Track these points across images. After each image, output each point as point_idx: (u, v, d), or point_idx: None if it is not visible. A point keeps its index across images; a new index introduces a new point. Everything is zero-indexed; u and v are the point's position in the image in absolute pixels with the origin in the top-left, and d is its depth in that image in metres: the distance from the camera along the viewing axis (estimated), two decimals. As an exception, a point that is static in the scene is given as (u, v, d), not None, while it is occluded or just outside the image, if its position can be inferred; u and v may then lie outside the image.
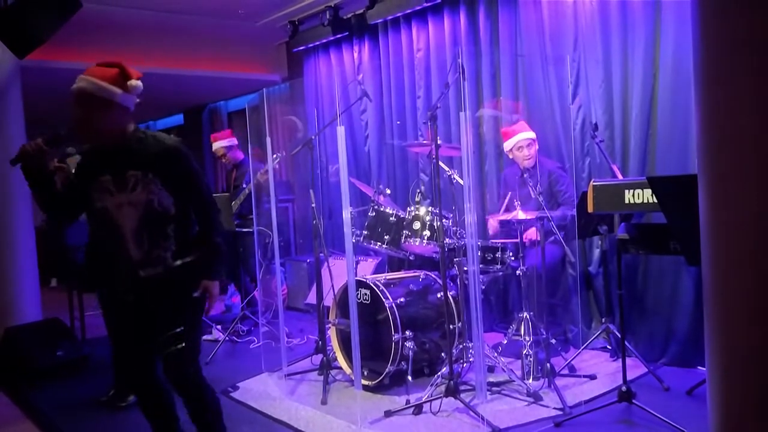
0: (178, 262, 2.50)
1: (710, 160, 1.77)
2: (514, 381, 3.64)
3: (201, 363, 4.42)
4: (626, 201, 2.98)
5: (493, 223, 4.39)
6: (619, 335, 3.57)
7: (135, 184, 2.45)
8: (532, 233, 4.06)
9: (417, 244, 3.91)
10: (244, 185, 5.39)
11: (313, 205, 4.08)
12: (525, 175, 4.01)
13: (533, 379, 3.69)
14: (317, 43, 6.13)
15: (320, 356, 4.04)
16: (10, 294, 4.92)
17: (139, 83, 2.49)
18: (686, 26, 3.60)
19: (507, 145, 4.32)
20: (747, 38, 1.66)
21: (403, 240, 3.96)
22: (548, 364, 3.58)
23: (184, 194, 2.53)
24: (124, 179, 2.46)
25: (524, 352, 3.79)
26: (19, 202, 4.98)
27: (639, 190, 2.94)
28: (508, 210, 4.35)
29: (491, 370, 3.87)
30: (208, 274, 2.54)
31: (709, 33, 1.75)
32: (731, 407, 1.78)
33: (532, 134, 4.25)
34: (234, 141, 5.77)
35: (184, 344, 2.48)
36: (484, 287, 3.95)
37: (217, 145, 5.74)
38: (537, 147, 4.28)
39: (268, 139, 4.13)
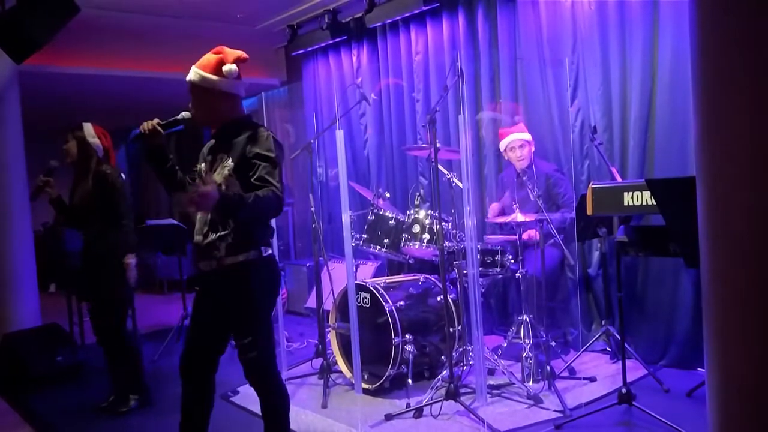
0: (229, 261, 2.47)
1: (708, 162, 1.78)
2: (514, 384, 3.64)
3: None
4: (625, 203, 2.99)
5: (494, 207, 4.38)
6: (618, 337, 3.57)
7: (217, 167, 2.50)
8: (531, 232, 4.07)
9: (416, 247, 3.92)
10: None
11: (313, 208, 4.09)
12: (524, 178, 4.02)
13: (533, 382, 3.69)
14: (316, 46, 6.15)
15: (320, 360, 4.03)
16: (8, 299, 4.92)
17: (233, 67, 2.52)
18: (684, 28, 3.60)
19: (501, 146, 4.35)
20: (745, 40, 1.66)
21: (402, 243, 3.96)
22: (548, 367, 3.58)
23: (250, 174, 2.40)
24: (215, 161, 2.53)
25: (524, 355, 3.78)
26: (17, 207, 4.98)
27: (638, 193, 2.94)
28: (504, 212, 4.36)
29: (491, 373, 3.87)
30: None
31: (707, 35, 1.76)
32: (730, 409, 1.78)
33: (526, 135, 4.26)
34: None
35: (256, 353, 2.50)
36: (483, 290, 3.95)
37: None
38: (533, 149, 4.28)
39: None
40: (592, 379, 3.77)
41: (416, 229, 3.92)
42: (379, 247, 4.07)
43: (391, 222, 4.07)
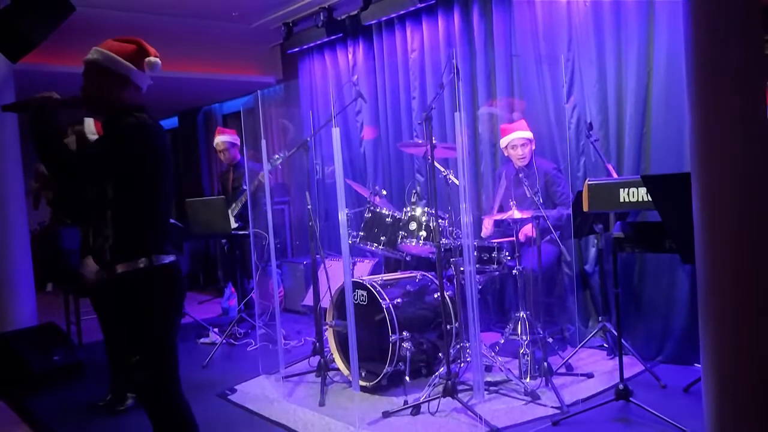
0: (119, 269, 2.26)
1: (703, 158, 1.78)
2: (511, 380, 3.64)
3: (198, 366, 4.43)
4: (621, 200, 2.99)
5: (487, 224, 4.39)
6: (615, 333, 3.58)
7: None
8: (527, 229, 4.08)
9: (413, 244, 3.92)
10: (245, 186, 5.37)
11: (309, 206, 4.08)
12: (520, 175, 4.02)
13: (530, 378, 3.70)
14: (312, 44, 6.14)
15: (317, 358, 4.03)
16: (5, 299, 4.91)
17: (158, 61, 2.39)
18: (680, 25, 3.59)
19: (502, 143, 4.34)
20: (738, 37, 1.67)
21: (399, 241, 3.96)
22: (545, 363, 3.59)
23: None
24: None
25: (521, 352, 3.79)
26: (13, 206, 4.96)
27: (634, 189, 2.95)
28: (502, 209, 4.36)
29: (488, 369, 3.88)
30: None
31: (702, 32, 1.76)
32: (726, 403, 1.79)
33: (528, 134, 4.26)
34: (237, 140, 5.68)
35: (145, 374, 2.27)
36: (480, 287, 3.96)
37: (219, 139, 5.59)
38: (534, 147, 4.29)
39: (263, 142, 4.13)
40: (590, 375, 3.78)
41: (413, 226, 3.92)
42: (375, 244, 4.07)
43: (387, 219, 4.07)
